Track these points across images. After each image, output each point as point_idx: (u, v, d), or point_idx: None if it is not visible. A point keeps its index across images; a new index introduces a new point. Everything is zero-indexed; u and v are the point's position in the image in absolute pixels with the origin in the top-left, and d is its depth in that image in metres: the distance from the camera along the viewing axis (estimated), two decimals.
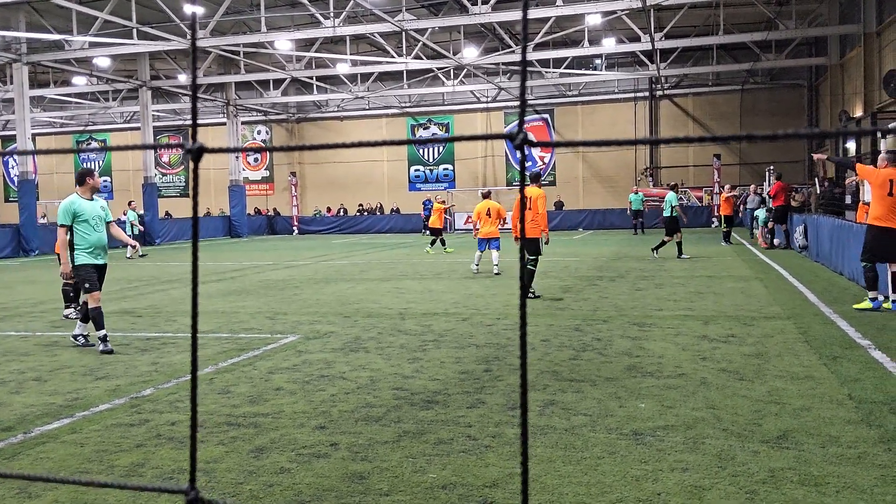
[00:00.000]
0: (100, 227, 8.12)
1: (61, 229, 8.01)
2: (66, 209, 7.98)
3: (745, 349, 7.41)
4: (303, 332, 9.09)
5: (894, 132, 0.68)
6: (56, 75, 37.07)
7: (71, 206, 8.00)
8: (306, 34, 26.06)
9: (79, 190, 8.19)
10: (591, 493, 3.98)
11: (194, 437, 0.88)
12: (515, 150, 0.89)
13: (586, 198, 39.54)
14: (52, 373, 7.16)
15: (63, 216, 7.97)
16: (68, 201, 8.06)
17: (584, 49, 29.51)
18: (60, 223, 8.00)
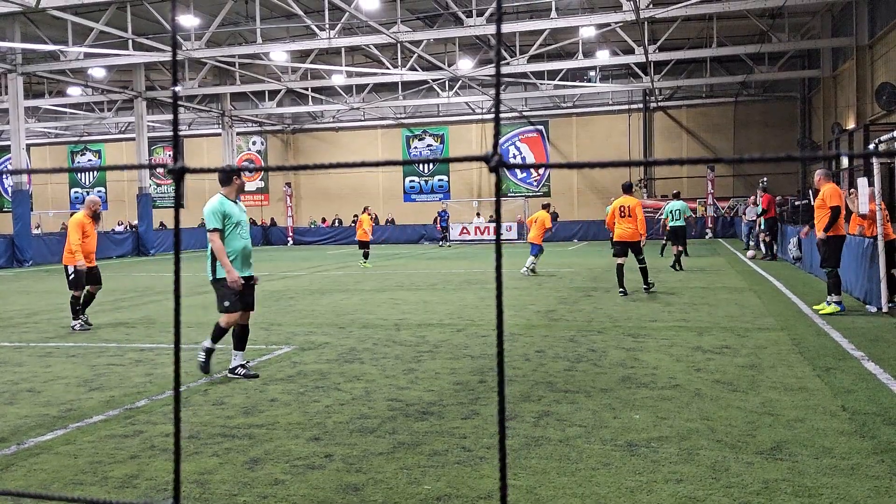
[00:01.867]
0: (246, 234, 7.16)
1: (215, 234, 6.92)
2: (215, 211, 6.97)
3: (739, 360, 7.43)
4: (298, 342, 9.09)
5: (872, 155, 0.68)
6: (51, 86, 37.09)
7: (221, 206, 7.00)
8: (302, 45, 26.15)
9: (224, 190, 7.15)
10: None
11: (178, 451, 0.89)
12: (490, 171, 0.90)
13: (581, 209, 39.65)
14: (46, 384, 7.14)
15: (214, 219, 6.94)
16: (217, 202, 7.03)
17: (578, 61, 29.67)
18: (213, 227, 6.93)
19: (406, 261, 24.11)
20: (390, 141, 42.68)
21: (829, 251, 10.35)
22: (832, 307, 10.17)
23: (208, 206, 6.98)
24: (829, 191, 10.29)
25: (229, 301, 6.99)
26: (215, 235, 6.92)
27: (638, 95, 38.65)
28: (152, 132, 42.00)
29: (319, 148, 43.65)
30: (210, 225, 6.92)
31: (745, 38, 31.17)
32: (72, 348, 9.12)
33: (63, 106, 40.01)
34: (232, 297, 6.98)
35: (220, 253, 6.91)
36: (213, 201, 7.02)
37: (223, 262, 6.90)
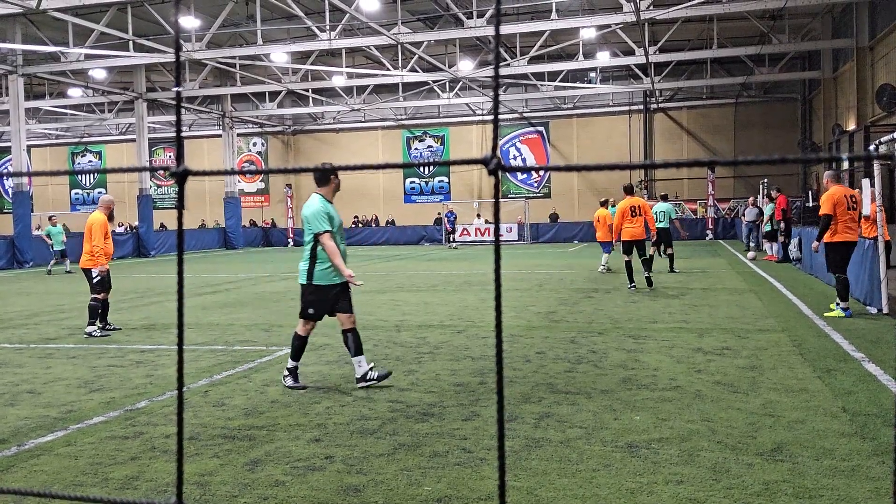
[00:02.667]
0: (343, 239, 6.81)
1: (325, 236, 6.52)
2: (321, 212, 6.57)
3: (739, 362, 7.43)
4: None
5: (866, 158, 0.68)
6: (52, 87, 37.12)
7: (325, 207, 6.62)
8: (302, 47, 26.16)
9: (322, 191, 6.78)
10: None
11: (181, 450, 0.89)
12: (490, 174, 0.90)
13: (581, 210, 39.63)
14: (46, 385, 7.14)
15: (322, 221, 6.54)
16: (320, 203, 6.64)
17: (578, 62, 29.69)
18: (323, 229, 6.53)
19: (406, 262, 24.11)
20: (391, 142, 42.69)
21: (829, 257, 10.30)
22: (836, 311, 10.13)
23: (311, 209, 6.59)
24: (825, 196, 10.26)
25: (314, 309, 6.70)
26: (326, 238, 6.53)
27: (638, 97, 38.66)
28: (153, 133, 42.01)
29: (320, 149, 43.67)
30: (318, 228, 6.53)
31: (745, 40, 31.18)
32: (72, 350, 9.13)
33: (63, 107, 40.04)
34: (316, 305, 6.67)
35: (333, 254, 6.53)
36: (316, 203, 6.63)
37: (337, 262, 6.55)
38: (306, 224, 6.66)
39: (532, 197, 39.95)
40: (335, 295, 6.73)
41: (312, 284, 6.64)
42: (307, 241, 6.70)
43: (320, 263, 6.62)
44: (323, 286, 6.64)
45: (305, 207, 6.71)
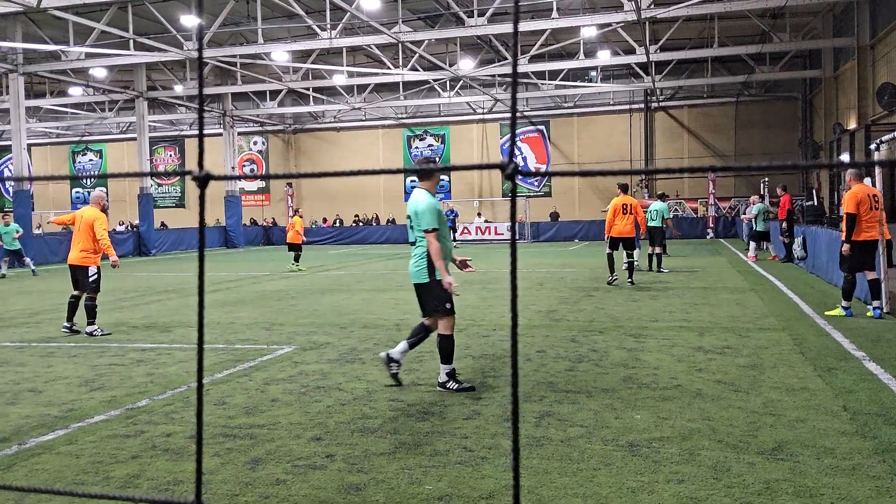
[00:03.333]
0: (446, 236, 6.53)
1: (435, 234, 6.33)
2: (434, 208, 6.35)
3: (740, 360, 7.43)
4: (299, 342, 9.09)
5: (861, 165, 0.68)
6: (52, 86, 37.12)
7: (437, 204, 6.42)
8: (303, 45, 26.16)
9: (425, 185, 6.56)
10: None
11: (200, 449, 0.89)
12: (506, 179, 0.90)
13: (582, 209, 39.63)
14: (47, 384, 7.15)
15: (434, 217, 6.33)
16: (431, 199, 6.41)
17: (579, 61, 29.68)
18: (433, 227, 6.32)
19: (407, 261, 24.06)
20: (391, 141, 42.68)
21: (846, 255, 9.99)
22: (837, 310, 10.03)
23: (424, 204, 6.35)
24: (848, 195, 9.99)
25: (450, 302, 6.43)
26: (434, 236, 6.32)
27: (639, 95, 38.64)
28: (153, 132, 42.02)
29: (321, 148, 43.67)
30: (429, 224, 6.32)
31: (746, 38, 31.16)
32: (73, 348, 9.13)
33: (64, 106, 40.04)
34: (450, 298, 6.44)
35: (437, 255, 6.33)
36: (427, 198, 6.40)
37: (440, 265, 6.34)
38: (415, 219, 6.46)
39: (532, 196, 39.93)
40: None
41: (436, 280, 6.42)
42: (418, 236, 6.50)
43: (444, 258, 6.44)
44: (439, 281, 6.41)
45: (415, 202, 6.43)
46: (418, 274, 6.53)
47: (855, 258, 9.92)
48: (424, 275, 6.48)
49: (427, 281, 6.47)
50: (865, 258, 9.89)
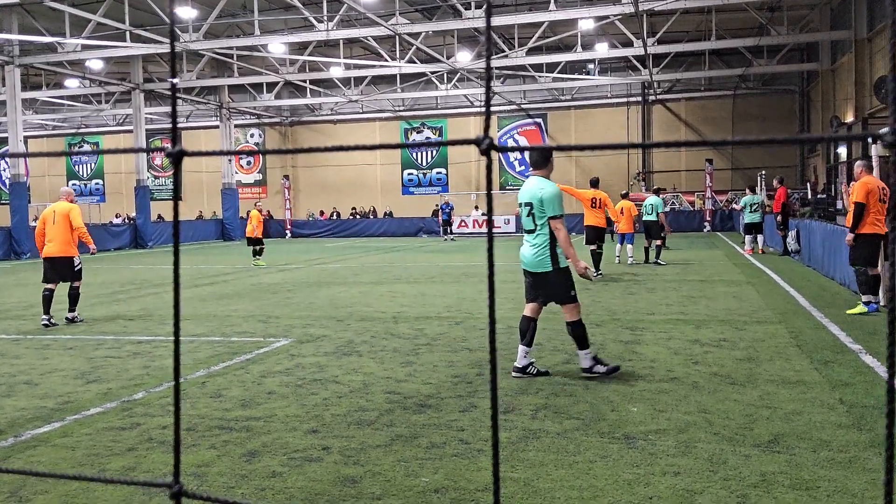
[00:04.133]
0: None
1: (560, 220, 6.36)
2: (559, 195, 6.41)
3: (736, 353, 7.43)
4: (295, 335, 9.08)
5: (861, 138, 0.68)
6: (48, 77, 36.96)
7: (560, 190, 6.50)
8: (300, 38, 26.06)
9: (541, 173, 6.55)
10: (583, 497, 3.98)
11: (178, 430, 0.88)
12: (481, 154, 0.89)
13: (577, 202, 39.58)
14: (43, 376, 7.13)
15: (560, 204, 6.38)
16: (554, 185, 6.45)
17: (577, 54, 29.60)
18: (560, 213, 6.37)
19: (404, 254, 24.08)
20: (388, 133, 42.60)
21: (854, 249, 9.74)
22: (859, 307, 9.65)
23: (549, 191, 6.35)
24: (858, 185, 9.75)
25: (573, 289, 6.49)
26: (561, 222, 6.36)
27: (636, 88, 38.59)
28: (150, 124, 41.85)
29: (318, 140, 43.56)
30: (555, 211, 6.33)
31: (743, 31, 31.11)
32: (69, 341, 9.12)
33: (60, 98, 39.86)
34: (573, 283, 6.48)
35: (568, 242, 6.41)
36: (550, 185, 6.40)
37: (572, 251, 6.45)
38: (539, 207, 6.40)
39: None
40: None
41: (561, 268, 6.44)
42: (540, 224, 6.43)
43: (559, 245, 6.45)
44: (567, 267, 6.46)
45: (537, 189, 6.39)
46: (540, 263, 6.47)
47: (862, 251, 9.65)
48: (547, 263, 6.44)
49: (550, 270, 6.44)
50: (871, 253, 9.65)
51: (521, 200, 6.57)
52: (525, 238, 6.63)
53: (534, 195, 6.43)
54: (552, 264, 6.43)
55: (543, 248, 6.43)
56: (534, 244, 6.48)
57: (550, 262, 6.43)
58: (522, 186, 6.64)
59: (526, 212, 6.51)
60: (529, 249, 6.53)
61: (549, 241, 6.41)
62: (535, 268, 6.51)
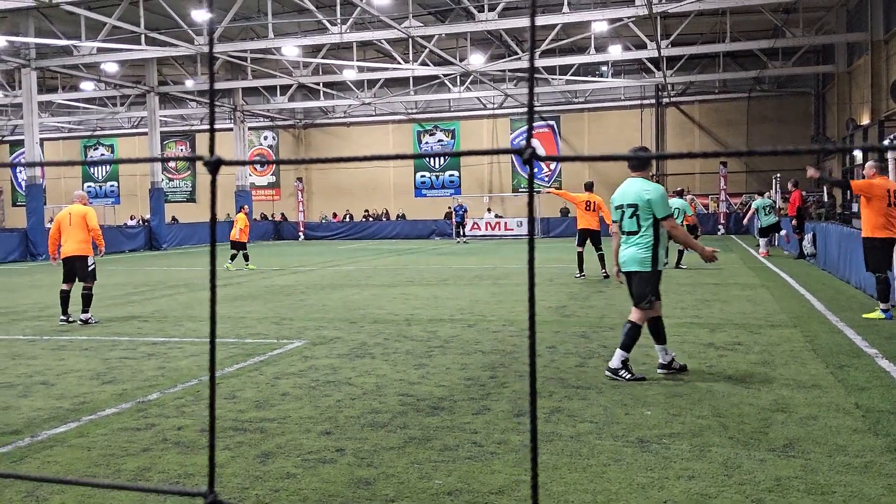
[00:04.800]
0: None
1: (673, 219, 6.59)
2: (666, 195, 6.58)
3: (751, 357, 7.39)
4: (309, 337, 9.11)
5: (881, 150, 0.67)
6: (64, 80, 37.24)
7: (666, 193, 6.65)
8: (313, 40, 26.15)
9: (641, 174, 6.63)
10: (596, 500, 3.97)
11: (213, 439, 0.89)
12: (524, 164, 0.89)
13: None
14: (59, 377, 7.19)
15: (668, 204, 6.53)
16: (662, 188, 6.61)
17: (590, 56, 29.54)
18: (670, 212, 6.56)
19: (417, 256, 24.10)
20: (401, 136, 42.65)
21: (868, 254, 9.62)
22: (876, 313, 9.52)
23: (655, 192, 6.46)
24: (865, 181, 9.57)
25: (656, 294, 6.61)
26: (674, 220, 6.59)
27: (650, 91, 38.46)
28: (164, 127, 42.11)
29: (331, 143, 43.69)
30: (667, 211, 6.48)
31: (758, 33, 30.95)
32: (85, 342, 9.18)
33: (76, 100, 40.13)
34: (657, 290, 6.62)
35: (686, 235, 6.75)
36: (655, 186, 6.53)
37: (694, 243, 6.80)
38: (646, 207, 6.46)
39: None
40: None
41: (658, 270, 6.57)
42: (645, 225, 6.50)
43: (662, 247, 6.58)
44: (661, 271, 6.62)
45: (642, 191, 6.46)
46: (643, 262, 6.54)
47: (878, 256, 9.51)
48: (649, 263, 6.53)
49: (650, 270, 6.54)
50: (884, 258, 9.51)
51: (622, 202, 6.59)
52: (625, 239, 6.64)
53: (640, 197, 6.48)
54: (652, 265, 6.53)
55: (648, 249, 6.52)
56: (637, 244, 6.55)
57: (651, 263, 6.53)
58: (621, 188, 6.64)
59: (629, 213, 6.54)
60: (633, 250, 6.58)
61: (654, 242, 6.51)
62: (637, 266, 6.57)
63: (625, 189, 6.63)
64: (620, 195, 6.64)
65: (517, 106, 39.89)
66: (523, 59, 29.19)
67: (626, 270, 6.68)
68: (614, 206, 6.68)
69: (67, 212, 10.79)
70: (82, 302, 10.67)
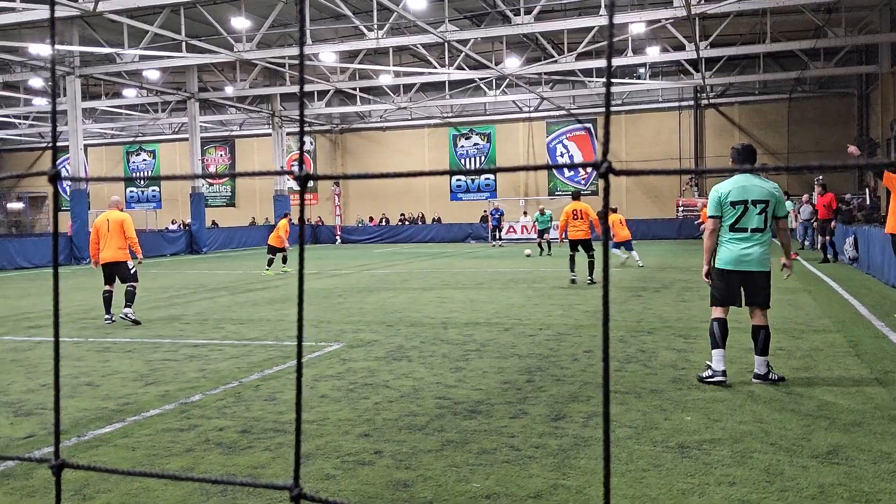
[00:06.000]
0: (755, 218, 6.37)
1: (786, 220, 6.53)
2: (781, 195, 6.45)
3: (793, 362, 7.28)
4: (346, 340, 9.18)
5: None
6: (107, 87, 38.05)
7: None
8: (350, 46, 26.37)
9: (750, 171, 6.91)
10: None
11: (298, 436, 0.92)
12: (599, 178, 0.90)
13: (630, 208, 39.17)
14: (104, 378, 7.34)
15: None
16: None
17: (627, 58, 29.35)
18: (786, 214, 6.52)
19: (453, 259, 24.14)
20: (437, 140, 42.77)
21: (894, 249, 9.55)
22: None
23: (781, 192, 6.44)
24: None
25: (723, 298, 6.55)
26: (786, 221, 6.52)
27: (689, 92, 38.06)
28: (204, 132, 42.77)
29: (367, 147, 43.97)
30: (786, 212, 6.50)
31: (799, 34, 30.45)
32: (128, 343, 9.37)
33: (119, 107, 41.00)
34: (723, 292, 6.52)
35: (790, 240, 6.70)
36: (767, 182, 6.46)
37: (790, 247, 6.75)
38: (774, 206, 6.36)
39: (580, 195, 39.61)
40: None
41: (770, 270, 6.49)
42: (770, 223, 6.40)
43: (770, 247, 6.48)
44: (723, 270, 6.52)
45: (772, 188, 6.36)
46: (766, 262, 6.44)
47: None
48: (768, 264, 6.46)
49: (769, 270, 6.46)
50: None
51: (745, 198, 6.35)
52: (747, 237, 6.40)
53: (772, 194, 6.35)
54: (769, 265, 6.47)
55: (769, 248, 6.46)
56: (763, 242, 6.40)
57: (769, 263, 6.46)
58: (737, 184, 6.40)
59: (759, 210, 6.34)
60: (760, 249, 6.40)
61: (769, 241, 6.45)
62: (761, 267, 6.41)
63: (745, 185, 6.36)
64: (741, 191, 6.35)
65: (552, 109, 39.77)
66: (559, 61, 29.09)
67: (748, 270, 6.40)
68: (729, 202, 6.37)
69: (105, 218, 11.07)
70: (125, 298, 10.96)
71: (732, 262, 6.42)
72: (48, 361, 8.29)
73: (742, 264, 6.39)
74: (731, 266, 6.43)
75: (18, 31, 26.74)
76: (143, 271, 12.82)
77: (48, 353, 8.78)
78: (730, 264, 6.43)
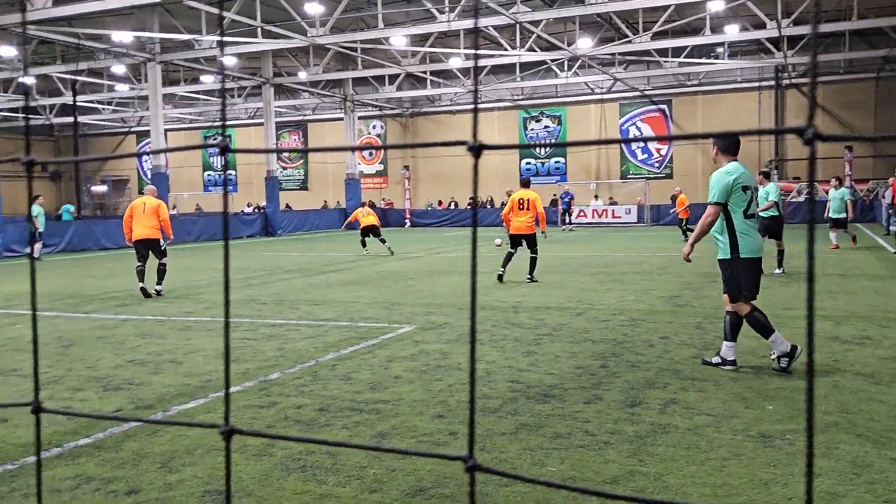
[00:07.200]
0: None
1: None
2: None
3: (880, 352, 7.01)
4: (418, 322, 9.25)
5: None
6: (186, 73, 39.05)
7: None
8: (421, 29, 26.39)
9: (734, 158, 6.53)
10: (717, 494, 3.88)
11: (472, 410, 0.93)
12: (805, 144, 0.81)
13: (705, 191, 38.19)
14: (186, 355, 7.59)
15: None
16: None
17: (705, 37, 28.52)
18: None
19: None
20: (507, 123, 42.51)
21: None
22: None
23: None
24: None
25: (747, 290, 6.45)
26: None
27: (769, 72, 36.77)
28: (279, 117, 43.51)
29: (437, 131, 44.03)
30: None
31: (888, 10, 29.03)
32: (209, 322, 9.65)
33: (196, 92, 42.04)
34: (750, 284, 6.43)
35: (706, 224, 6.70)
36: None
37: None
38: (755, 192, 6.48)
39: (653, 178, 38.87)
40: None
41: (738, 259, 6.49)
42: None
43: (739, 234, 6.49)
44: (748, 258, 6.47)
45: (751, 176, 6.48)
46: None
47: None
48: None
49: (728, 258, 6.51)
50: None
51: (750, 185, 6.38)
52: (755, 224, 6.50)
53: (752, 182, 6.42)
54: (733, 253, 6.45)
55: None
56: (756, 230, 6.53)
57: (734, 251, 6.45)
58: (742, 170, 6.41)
59: (755, 197, 6.44)
60: (756, 236, 6.49)
61: None
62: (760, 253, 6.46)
63: (746, 172, 6.42)
64: (748, 177, 6.38)
65: (626, 90, 39.02)
66: (634, 41, 28.48)
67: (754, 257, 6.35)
68: (741, 186, 6.31)
69: (142, 201, 12.52)
70: (157, 275, 12.26)
71: (758, 249, 6.39)
72: (134, 338, 8.61)
73: (753, 252, 6.35)
74: (759, 254, 6.39)
75: (102, 18, 27.65)
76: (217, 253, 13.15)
77: (133, 331, 9.13)
78: (758, 252, 6.38)
